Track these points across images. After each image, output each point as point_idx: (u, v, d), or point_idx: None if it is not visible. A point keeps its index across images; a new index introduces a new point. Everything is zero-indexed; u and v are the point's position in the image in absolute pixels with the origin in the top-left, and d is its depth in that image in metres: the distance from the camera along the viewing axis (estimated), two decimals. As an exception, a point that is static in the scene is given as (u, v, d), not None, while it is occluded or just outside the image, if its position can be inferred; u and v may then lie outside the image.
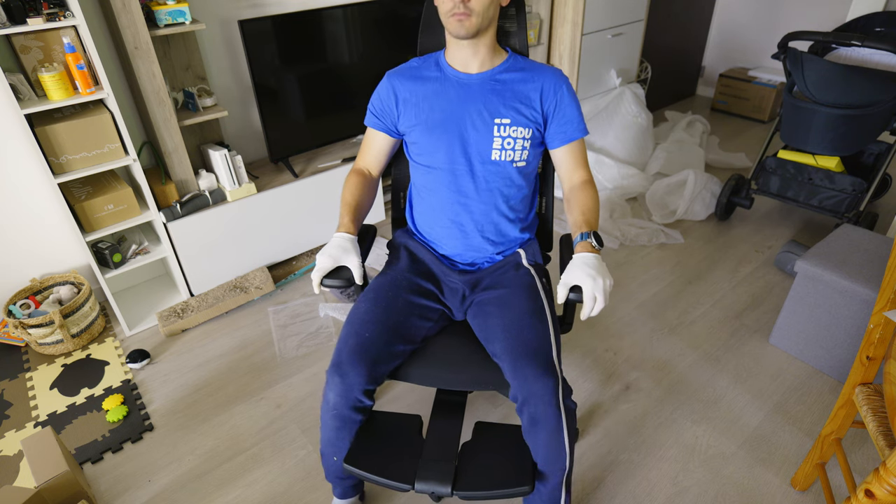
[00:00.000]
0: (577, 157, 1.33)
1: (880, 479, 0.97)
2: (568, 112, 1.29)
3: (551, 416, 1.11)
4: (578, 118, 1.31)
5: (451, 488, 1.11)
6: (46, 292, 2.15)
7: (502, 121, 1.26)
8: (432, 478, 1.12)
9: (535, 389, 1.09)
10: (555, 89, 1.27)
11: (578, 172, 1.33)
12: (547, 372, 1.10)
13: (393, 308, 1.25)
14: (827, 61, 2.05)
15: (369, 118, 1.39)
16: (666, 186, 2.78)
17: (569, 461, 1.17)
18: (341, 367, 1.16)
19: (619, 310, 2.15)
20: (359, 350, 1.17)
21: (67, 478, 1.39)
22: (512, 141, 1.27)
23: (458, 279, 1.34)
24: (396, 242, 1.44)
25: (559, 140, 1.31)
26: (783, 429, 1.65)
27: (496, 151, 1.28)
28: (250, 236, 2.30)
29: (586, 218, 1.24)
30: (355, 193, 1.36)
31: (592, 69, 3.00)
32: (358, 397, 1.17)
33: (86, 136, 1.82)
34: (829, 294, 1.73)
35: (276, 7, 2.32)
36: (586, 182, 1.32)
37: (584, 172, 1.33)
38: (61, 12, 1.69)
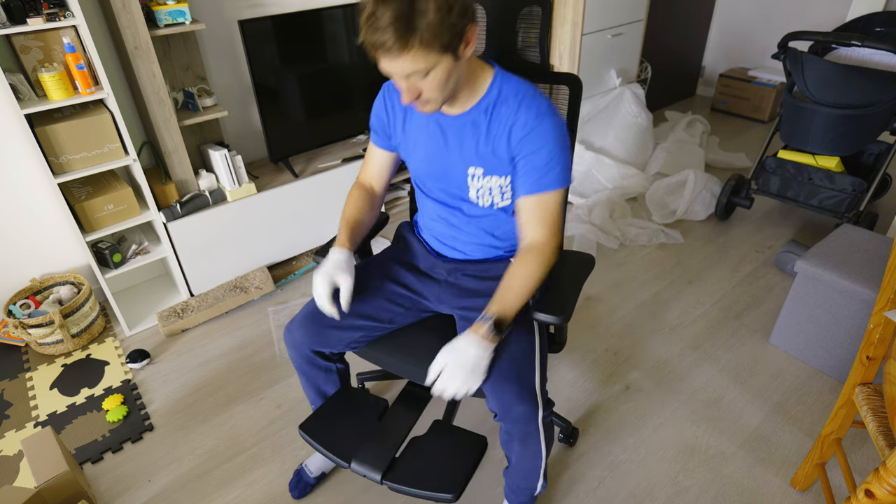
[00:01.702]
0: (537, 213, 1.12)
1: (880, 479, 0.97)
2: (535, 159, 1.09)
3: (529, 435, 1.16)
4: (549, 166, 1.09)
5: (380, 476, 1.15)
6: (46, 292, 2.15)
7: (475, 171, 1.17)
8: (368, 461, 1.17)
9: (515, 414, 1.12)
10: (525, 133, 1.08)
11: (532, 231, 1.13)
12: (527, 399, 1.11)
13: (360, 285, 1.29)
14: (827, 61, 2.05)
15: (371, 133, 1.35)
16: (666, 186, 2.78)
17: (544, 463, 1.24)
18: (291, 325, 1.30)
19: (619, 310, 2.15)
20: (310, 314, 1.28)
21: (67, 478, 1.39)
22: (487, 190, 1.18)
23: (444, 269, 1.35)
24: (398, 232, 1.48)
25: (521, 190, 1.13)
26: (783, 429, 1.65)
27: (473, 194, 1.21)
28: (250, 236, 2.30)
29: (503, 296, 1.09)
30: (354, 210, 1.31)
31: (592, 69, 3.00)
32: (308, 354, 1.30)
33: (86, 136, 1.82)
34: (829, 294, 1.73)
35: (276, 7, 2.32)
36: (535, 249, 1.12)
37: (539, 233, 1.12)
38: (61, 12, 1.69)
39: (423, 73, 0.98)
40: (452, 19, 0.94)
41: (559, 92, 1.36)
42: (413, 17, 0.91)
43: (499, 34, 1.38)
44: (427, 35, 0.92)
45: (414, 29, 0.91)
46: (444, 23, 0.93)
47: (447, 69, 0.99)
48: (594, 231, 2.58)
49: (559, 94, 1.36)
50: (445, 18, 0.93)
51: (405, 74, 0.98)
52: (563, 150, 1.10)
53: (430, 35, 0.93)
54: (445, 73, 1.00)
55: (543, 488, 1.31)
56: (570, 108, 1.33)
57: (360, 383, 1.79)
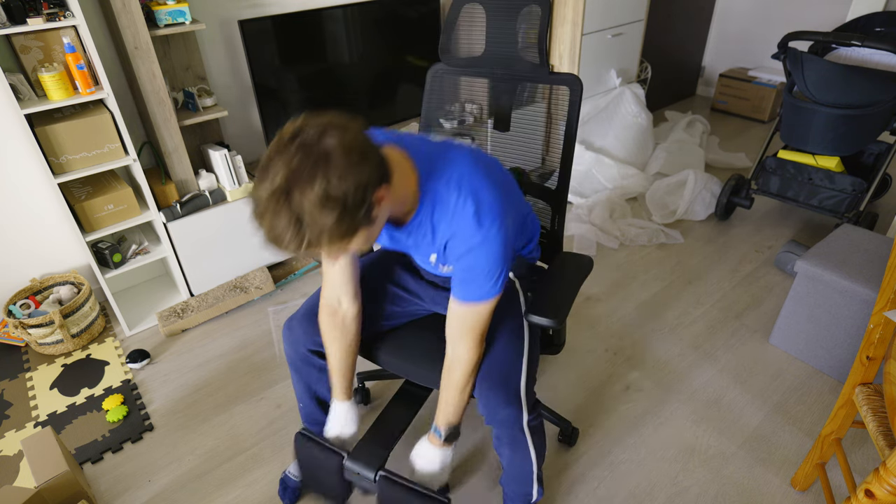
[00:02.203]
0: (465, 323, 1.08)
1: (880, 479, 0.97)
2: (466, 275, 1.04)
3: (516, 438, 1.18)
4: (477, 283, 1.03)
5: (374, 474, 1.18)
6: (46, 292, 2.15)
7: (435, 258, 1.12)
8: (362, 459, 1.20)
9: (501, 417, 1.15)
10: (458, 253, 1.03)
11: (459, 345, 1.10)
12: (512, 402, 1.14)
13: (361, 286, 1.28)
14: (827, 61, 2.05)
15: None
16: (666, 186, 2.78)
17: (536, 468, 1.25)
18: (291, 322, 1.32)
19: (619, 310, 2.15)
20: (311, 312, 1.29)
21: (67, 478, 1.39)
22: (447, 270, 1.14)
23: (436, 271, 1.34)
24: None
25: (451, 292, 1.09)
26: (783, 429, 1.65)
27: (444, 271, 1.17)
28: (250, 236, 2.30)
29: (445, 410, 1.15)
30: (335, 353, 1.24)
31: (592, 69, 3.00)
32: (305, 352, 1.31)
33: (86, 136, 1.82)
34: (829, 294, 1.73)
35: (276, 7, 2.32)
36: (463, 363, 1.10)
37: (463, 349, 1.10)
38: (61, 12, 1.69)
39: (338, 251, 0.87)
40: (350, 210, 0.81)
41: (559, 92, 1.36)
42: (305, 229, 0.80)
43: (499, 34, 1.38)
44: (325, 239, 0.82)
45: (312, 238, 0.81)
46: (342, 220, 0.81)
47: (364, 234, 0.88)
48: (594, 231, 2.58)
49: (559, 94, 1.36)
50: (343, 218, 0.81)
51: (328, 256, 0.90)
52: (495, 266, 1.02)
53: (329, 237, 0.82)
54: (364, 237, 0.89)
55: (540, 495, 1.30)
56: (569, 108, 1.33)
57: (360, 383, 1.79)
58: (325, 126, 0.81)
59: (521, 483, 1.27)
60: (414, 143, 1.03)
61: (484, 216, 0.98)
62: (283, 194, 0.78)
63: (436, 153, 1.03)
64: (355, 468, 1.19)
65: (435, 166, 1.02)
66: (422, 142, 1.05)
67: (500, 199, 1.01)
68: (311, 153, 0.79)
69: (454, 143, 1.09)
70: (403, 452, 1.62)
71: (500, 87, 1.44)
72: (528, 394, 1.17)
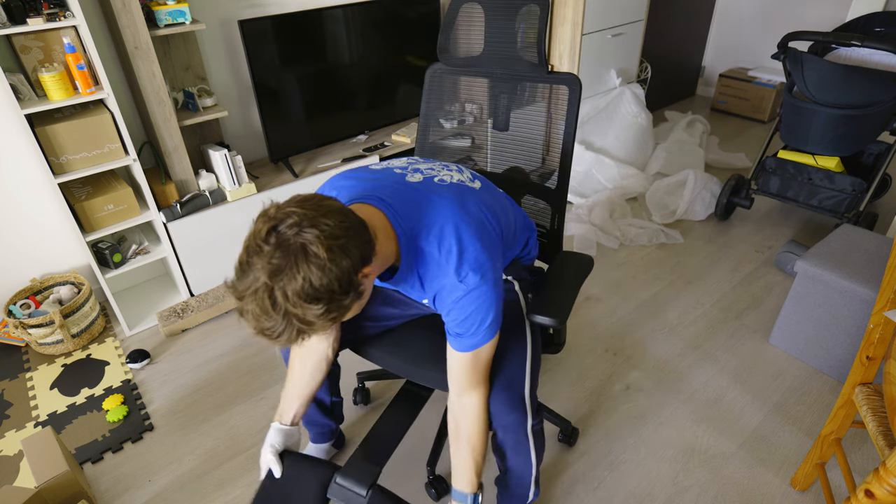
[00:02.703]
0: (468, 370, 1.06)
1: (880, 479, 0.97)
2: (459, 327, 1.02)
3: (519, 442, 1.18)
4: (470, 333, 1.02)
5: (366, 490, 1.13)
6: (46, 292, 2.15)
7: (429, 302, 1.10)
8: (353, 475, 1.15)
9: (506, 422, 1.15)
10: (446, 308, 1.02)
11: (469, 394, 1.08)
12: (517, 407, 1.13)
13: None
14: (827, 61, 2.05)
15: None
16: (666, 186, 2.78)
17: (535, 470, 1.24)
18: None
19: (619, 310, 2.15)
20: None
21: (67, 478, 1.39)
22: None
23: None
24: None
25: (448, 340, 1.07)
26: (783, 429, 1.65)
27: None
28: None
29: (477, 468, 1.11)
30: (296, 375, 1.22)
31: (592, 69, 3.00)
32: None
33: (86, 136, 1.82)
34: (829, 294, 1.73)
35: (276, 7, 2.32)
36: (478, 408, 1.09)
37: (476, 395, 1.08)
38: (61, 12, 1.69)
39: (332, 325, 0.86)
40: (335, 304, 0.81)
41: (559, 92, 1.36)
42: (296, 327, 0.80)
43: (498, 34, 1.38)
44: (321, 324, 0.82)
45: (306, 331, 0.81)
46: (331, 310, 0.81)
47: (355, 304, 0.87)
48: (594, 231, 2.58)
49: (559, 94, 1.36)
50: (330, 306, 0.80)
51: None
52: (486, 314, 1.00)
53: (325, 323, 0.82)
54: (355, 309, 0.88)
55: (536, 496, 1.31)
56: (569, 108, 1.33)
57: (360, 383, 1.79)
58: (302, 218, 0.78)
59: (519, 485, 1.27)
60: (391, 196, 0.99)
61: (468, 268, 0.97)
62: (267, 294, 0.77)
63: (413, 206, 1.00)
64: (346, 485, 1.15)
65: (414, 225, 0.99)
66: (397, 192, 1.01)
67: (483, 243, 0.99)
68: (289, 250, 0.76)
69: (433, 183, 1.05)
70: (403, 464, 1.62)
71: (499, 87, 1.44)
72: (532, 398, 1.17)
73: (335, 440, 1.60)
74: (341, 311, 0.83)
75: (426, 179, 1.07)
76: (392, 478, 1.55)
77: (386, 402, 1.81)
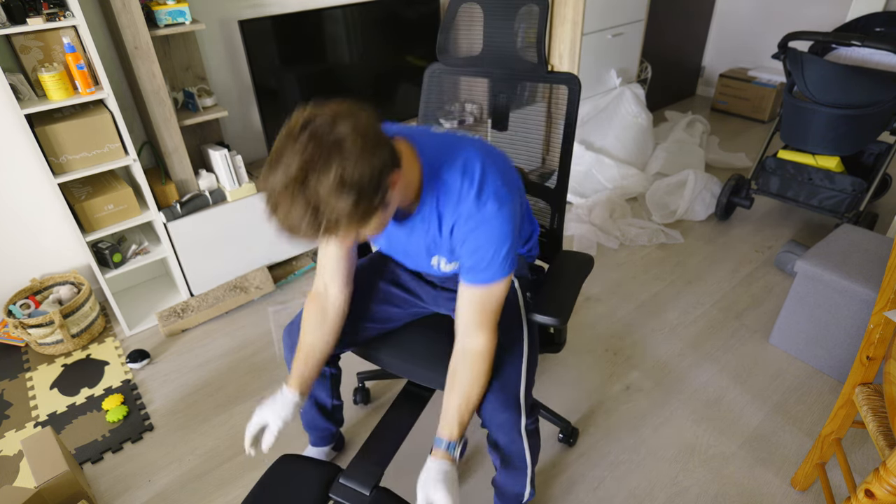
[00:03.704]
0: (478, 308, 1.05)
1: (880, 479, 0.97)
2: (475, 259, 1.02)
3: (513, 442, 1.17)
4: (486, 264, 1.01)
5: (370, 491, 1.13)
6: (46, 292, 2.15)
7: (439, 259, 1.12)
8: (356, 477, 1.15)
9: (499, 421, 1.14)
10: (463, 235, 1.02)
11: (476, 335, 1.07)
12: (511, 406, 1.13)
13: (356, 289, 1.28)
14: (827, 61, 2.05)
15: None
16: (666, 186, 2.78)
17: (530, 470, 1.23)
18: (292, 328, 1.29)
19: (619, 310, 2.15)
20: None
21: (67, 478, 1.39)
22: (454, 268, 1.13)
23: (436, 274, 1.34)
24: None
25: (461, 276, 1.07)
26: (783, 429, 1.65)
27: (443, 270, 1.16)
28: (250, 236, 2.30)
29: (462, 414, 1.06)
30: (307, 335, 1.20)
31: (592, 69, 3.00)
32: None
33: (86, 136, 1.82)
34: (829, 294, 1.72)
35: (276, 7, 2.32)
36: (482, 354, 1.07)
37: (483, 337, 1.06)
38: (61, 12, 1.69)
39: (353, 236, 0.89)
40: (367, 195, 0.82)
41: (559, 92, 1.36)
42: (322, 216, 0.80)
43: (497, 34, 1.38)
44: (343, 225, 0.82)
45: (328, 226, 0.81)
46: (360, 206, 0.82)
47: (378, 218, 0.88)
48: (594, 231, 2.58)
49: (559, 94, 1.36)
50: (360, 202, 0.81)
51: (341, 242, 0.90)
52: (503, 243, 1.00)
53: (347, 223, 0.82)
54: (378, 222, 0.90)
55: (531, 496, 1.30)
56: (568, 107, 1.33)
57: (361, 382, 1.79)
58: (336, 114, 0.81)
59: (514, 484, 1.26)
60: (419, 135, 1.03)
61: (488, 195, 0.98)
62: (299, 184, 0.78)
63: (440, 144, 1.03)
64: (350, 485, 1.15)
65: (439, 157, 1.01)
66: (426, 134, 1.05)
67: (504, 180, 1.01)
68: (324, 141, 0.78)
69: (458, 133, 1.09)
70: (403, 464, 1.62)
71: (498, 87, 1.44)
72: (527, 397, 1.16)
73: (335, 443, 1.60)
74: (368, 213, 0.84)
75: (451, 131, 1.10)
76: (393, 477, 1.55)
77: (386, 402, 1.81)
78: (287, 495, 1.15)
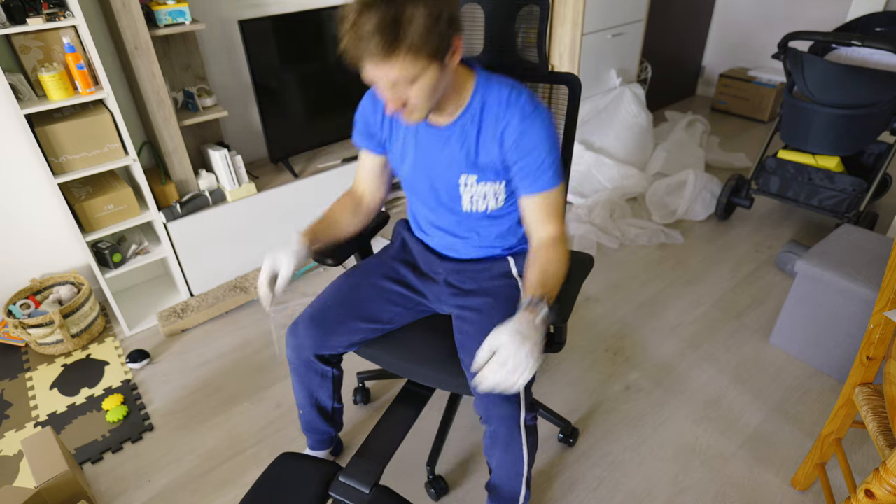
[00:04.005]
0: (544, 211, 1.14)
1: (880, 479, 0.96)
2: (530, 161, 1.09)
3: (512, 437, 1.16)
4: (544, 166, 1.10)
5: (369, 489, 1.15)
6: (46, 292, 2.15)
7: (468, 179, 1.16)
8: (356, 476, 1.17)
9: (497, 413, 1.14)
10: (516, 136, 1.08)
11: (545, 228, 1.14)
12: (509, 399, 1.13)
13: (360, 288, 1.31)
14: (827, 61, 2.05)
15: (355, 135, 1.28)
16: (666, 186, 2.78)
17: (527, 470, 1.22)
18: (296, 328, 1.30)
19: (619, 310, 2.15)
20: (316, 316, 1.28)
21: (67, 478, 1.39)
22: (481, 196, 1.18)
23: (441, 268, 1.34)
24: (395, 230, 1.48)
25: (522, 190, 1.15)
26: (783, 429, 1.65)
27: (466, 203, 1.20)
28: (250, 236, 2.30)
29: (544, 280, 1.06)
30: (331, 209, 1.30)
31: (592, 69, 3.00)
32: (310, 358, 1.31)
33: (86, 136, 1.82)
34: (830, 294, 1.72)
35: (276, 7, 2.32)
36: (555, 240, 1.13)
37: (553, 228, 1.14)
38: (61, 12, 1.69)
39: (409, 80, 0.95)
40: (441, 27, 0.92)
41: (559, 92, 1.36)
42: (400, 23, 0.89)
43: (498, 34, 1.38)
44: (415, 42, 0.90)
45: (401, 36, 0.89)
46: (433, 31, 0.91)
47: (434, 77, 0.97)
48: (594, 231, 2.58)
49: (559, 93, 1.36)
50: (434, 26, 0.91)
51: (391, 82, 0.96)
52: (554, 146, 1.10)
53: (419, 42, 0.91)
54: (432, 82, 0.98)
55: (527, 499, 1.28)
56: (569, 107, 1.33)
57: (361, 382, 1.79)
58: None
59: (510, 484, 1.25)
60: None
61: (536, 102, 1.09)
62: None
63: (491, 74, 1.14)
64: (349, 483, 1.16)
65: (491, 76, 1.12)
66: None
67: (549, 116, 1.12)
68: None
69: None
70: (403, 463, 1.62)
71: (499, 87, 1.43)
72: (527, 393, 1.16)
73: (333, 447, 1.59)
74: (433, 50, 0.94)
75: None
76: (392, 477, 1.55)
77: (386, 402, 1.81)
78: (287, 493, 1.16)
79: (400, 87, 0.97)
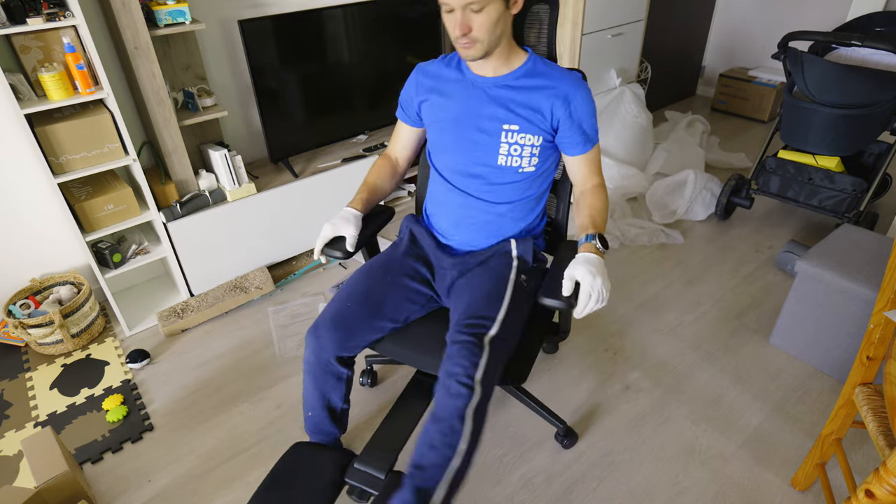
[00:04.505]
0: (590, 166, 1.34)
1: (880, 479, 0.96)
2: (581, 123, 1.27)
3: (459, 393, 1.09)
4: (591, 128, 1.30)
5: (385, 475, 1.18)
6: (46, 292, 2.15)
7: (511, 127, 1.27)
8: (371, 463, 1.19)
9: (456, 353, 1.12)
10: (569, 99, 1.25)
11: (592, 178, 1.35)
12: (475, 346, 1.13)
13: (380, 286, 1.33)
14: (827, 61, 2.05)
15: (399, 109, 1.46)
16: (666, 186, 2.78)
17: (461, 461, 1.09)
18: (318, 330, 1.30)
19: (619, 310, 2.15)
20: (337, 318, 1.29)
21: (67, 478, 1.39)
22: (519, 147, 1.29)
23: (448, 263, 1.37)
24: (403, 226, 1.50)
25: (571, 150, 1.32)
26: (783, 429, 1.65)
27: (502, 157, 1.30)
28: (250, 236, 2.30)
29: (594, 220, 1.27)
30: (374, 176, 1.46)
31: (592, 69, 3.00)
32: (329, 360, 1.31)
33: (86, 136, 1.82)
34: (830, 294, 1.72)
35: (276, 7, 2.32)
36: (597, 186, 1.34)
37: (596, 178, 1.35)
38: (61, 12, 1.69)
39: (479, 5, 1.10)
40: None
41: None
42: None
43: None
44: None
45: None
46: None
47: (498, 12, 1.13)
48: (594, 231, 2.58)
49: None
50: None
51: (464, 3, 1.10)
52: (594, 112, 1.30)
53: None
54: (496, 15, 1.13)
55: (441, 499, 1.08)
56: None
57: (369, 366, 1.82)
58: None
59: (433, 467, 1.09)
60: None
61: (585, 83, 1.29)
62: None
63: None
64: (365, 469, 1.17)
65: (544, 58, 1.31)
66: None
67: None
68: None
69: None
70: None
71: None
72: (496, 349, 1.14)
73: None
74: None
75: None
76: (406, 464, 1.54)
77: (392, 384, 1.84)
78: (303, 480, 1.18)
79: (468, 12, 1.11)
